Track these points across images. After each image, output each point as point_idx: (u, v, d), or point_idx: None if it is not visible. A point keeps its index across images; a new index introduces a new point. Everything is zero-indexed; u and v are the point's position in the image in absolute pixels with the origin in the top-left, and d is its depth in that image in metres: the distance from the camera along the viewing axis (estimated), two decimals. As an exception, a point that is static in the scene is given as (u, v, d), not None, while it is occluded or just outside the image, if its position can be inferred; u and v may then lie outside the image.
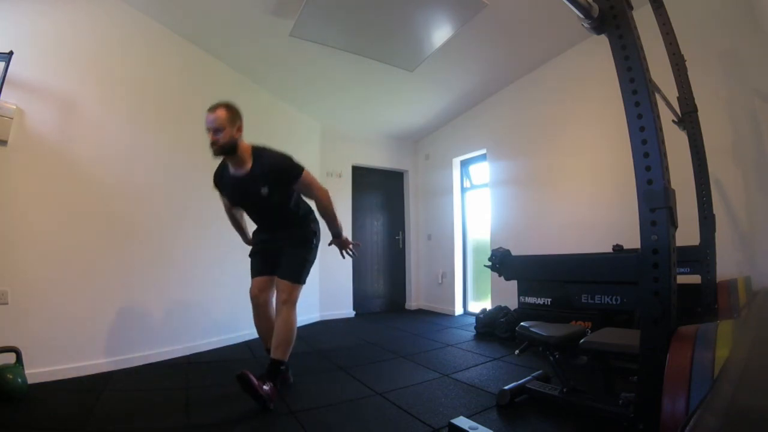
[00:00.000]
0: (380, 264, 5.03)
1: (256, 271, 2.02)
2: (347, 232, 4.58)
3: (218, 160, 1.91)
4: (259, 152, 1.85)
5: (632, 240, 1.10)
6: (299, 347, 3.02)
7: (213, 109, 1.75)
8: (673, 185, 0.92)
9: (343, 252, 2.08)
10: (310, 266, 2.00)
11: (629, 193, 1.00)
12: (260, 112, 3.62)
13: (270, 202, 1.86)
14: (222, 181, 1.96)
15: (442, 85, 3.86)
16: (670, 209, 0.88)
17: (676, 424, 0.73)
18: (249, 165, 1.82)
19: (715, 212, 1.95)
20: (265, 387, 1.68)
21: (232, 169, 1.87)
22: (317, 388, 2.04)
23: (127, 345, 2.38)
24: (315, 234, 2.06)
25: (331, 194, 1.96)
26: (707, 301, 1.82)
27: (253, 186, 1.82)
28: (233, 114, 1.78)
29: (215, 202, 2.17)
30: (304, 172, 1.84)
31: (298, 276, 1.91)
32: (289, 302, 1.87)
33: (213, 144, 1.74)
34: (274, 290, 2.00)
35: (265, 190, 1.80)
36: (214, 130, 1.72)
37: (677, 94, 1.96)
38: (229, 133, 1.74)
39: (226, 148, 1.76)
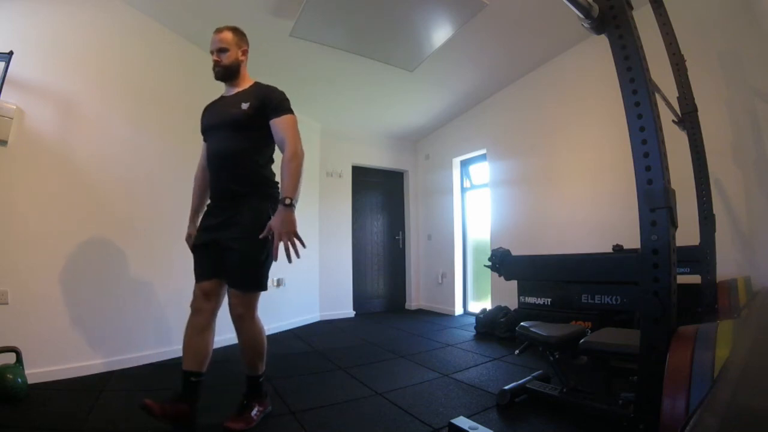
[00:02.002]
0: (380, 264, 5.03)
1: (201, 272, 1.58)
2: (346, 232, 4.63)
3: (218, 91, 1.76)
4: (260, 84, 1.71)
5: (632, 240, 1.10)
6: (299, 347, 3.03)
7: (219, 30, 1.65)
8: (673, 185, 0.92)
9: (280, 248, 1.43)
10: (269, 266, 1.59)
11: (629, 193, 0.99)
12: (260, 112, 3.61)
13: (240, 129, 1.59)
14: (208, 109, 1.76)
15: (442, 85, 3.86)
16: (670, 209, 0.88)
17: (676, 424, 0.73)
18: (244, 87, 1.69)
19: (715, 212, 1.95)
20: (253, 414, 1.58)
21: (225, 91, 1.73)
22: (317, 388, 2.05)
23: (127, 345, 2.38)
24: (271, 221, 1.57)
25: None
26: (707, 301, 1.82)
27: (234, 103, 1.62)
28: (239, 36, 1.68)
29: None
30: (290, 115, 1.62)
31: (257, 283, 1.55)
32: (247, 316, 1.55)
33: (215, 65, 1.64)
34: (224, 297, 1.60)
35: (245, 105, 1.59)
36: (218, 50, 1.63)
37: (677, 94, 1.96)
38: (234, 54, 1.65)
39: (229, 70, 1.65)
